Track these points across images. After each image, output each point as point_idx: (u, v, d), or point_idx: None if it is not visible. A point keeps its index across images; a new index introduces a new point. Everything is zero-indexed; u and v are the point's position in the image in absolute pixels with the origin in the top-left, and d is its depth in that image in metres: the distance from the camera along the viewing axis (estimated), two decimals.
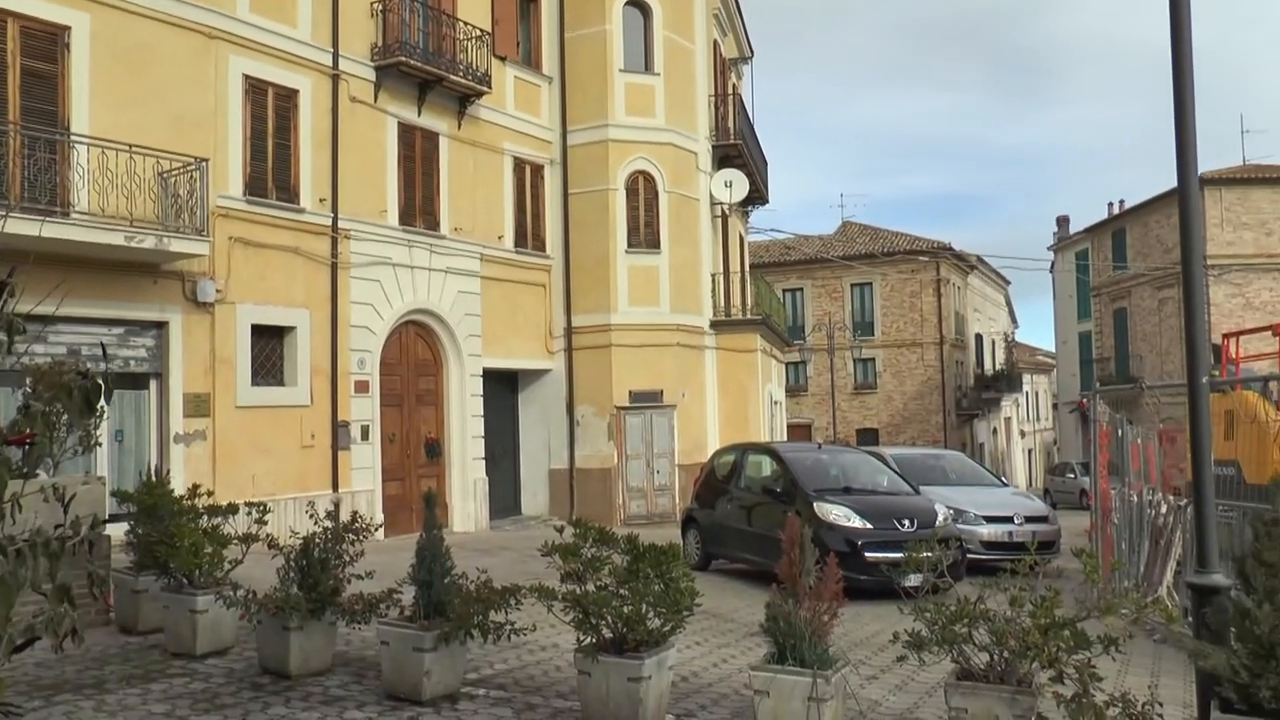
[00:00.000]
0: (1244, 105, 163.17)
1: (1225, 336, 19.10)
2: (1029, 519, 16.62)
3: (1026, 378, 66.13)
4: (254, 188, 17.53)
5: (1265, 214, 40.73)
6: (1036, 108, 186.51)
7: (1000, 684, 5.84)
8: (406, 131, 20.75)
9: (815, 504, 13.33)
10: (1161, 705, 6.40)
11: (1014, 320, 74.27)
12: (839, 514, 13.20)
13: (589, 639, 6.40)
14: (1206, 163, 56.14)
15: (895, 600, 6.46)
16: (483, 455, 22.23)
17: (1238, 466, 13.26)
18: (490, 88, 22.13)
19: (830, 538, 12.59)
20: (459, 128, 21.95)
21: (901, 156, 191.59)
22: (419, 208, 20.97)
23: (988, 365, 58.20)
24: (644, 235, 24.67)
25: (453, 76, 20.98)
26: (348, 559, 7.77)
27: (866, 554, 12.45)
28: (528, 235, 24.02)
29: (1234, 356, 17.76)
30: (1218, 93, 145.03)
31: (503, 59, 23.25)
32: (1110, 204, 51.95)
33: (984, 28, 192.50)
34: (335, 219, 18.94)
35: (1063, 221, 60.30)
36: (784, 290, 47.75)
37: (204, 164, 15.55)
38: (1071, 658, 5.80)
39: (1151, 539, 12.81)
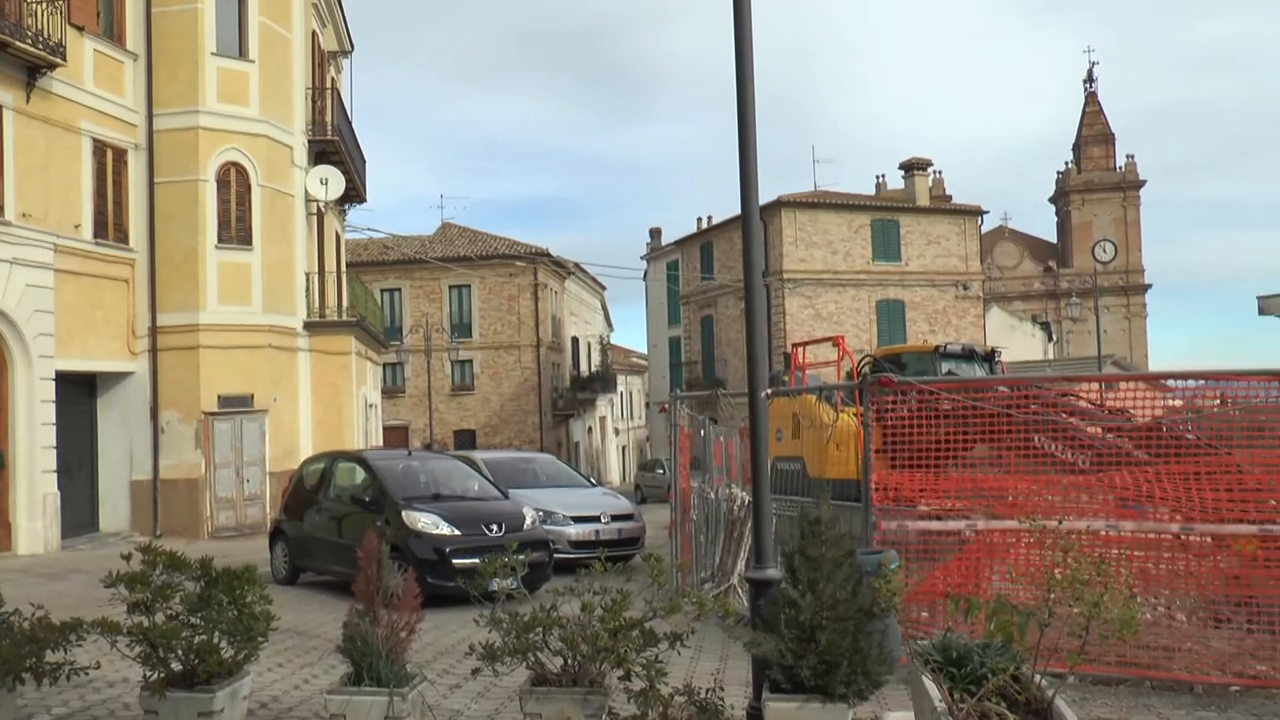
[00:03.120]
0: (816, 136, 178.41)
1: (794, 346, 20.75)
2: (615, 517, 17.50)
3: (621, 379, 68.90)
4: None
5: (832, 235, 45.13)
6: (637, 121, 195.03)
7: (573, 686, 6.11)
8: None
9: (404, 512, 13.34)
10: (724, 689, 6.95)
11: (609, 324, 77.19)
12: (427, 521, 13.25)
13: (156, 674, 6.09)
14: (785, 186, 61.07)
15: (483, 606, 6.60)
16: (54, 467, 20.39)
17: (802, 463, 14.51)
18: (65, 60, 20.43)
19: (418, 546, 12.82)
20: (28, 101, 20.12)
21: (503, 160, 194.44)
22: None
23: (584, 367, 60.20)
24: (236, 230, 23.73)
25: (18, 43, 19.15)
26: None
27: (455, 561, 12.56)
28: (109, 225, 22.42)
29: (801, 363, 19.26)
30: (794, 123, 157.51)
31: (80, 29, 21.52)
32: (700, 218, 55.07)
33: (586, 41, 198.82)
34: None
35: (655, 233, 63.34)
36: (382, 290, 47.41)
37: None
38: (640, 656, 6.16)
39: (726, 531, 13.67)
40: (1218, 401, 9.49)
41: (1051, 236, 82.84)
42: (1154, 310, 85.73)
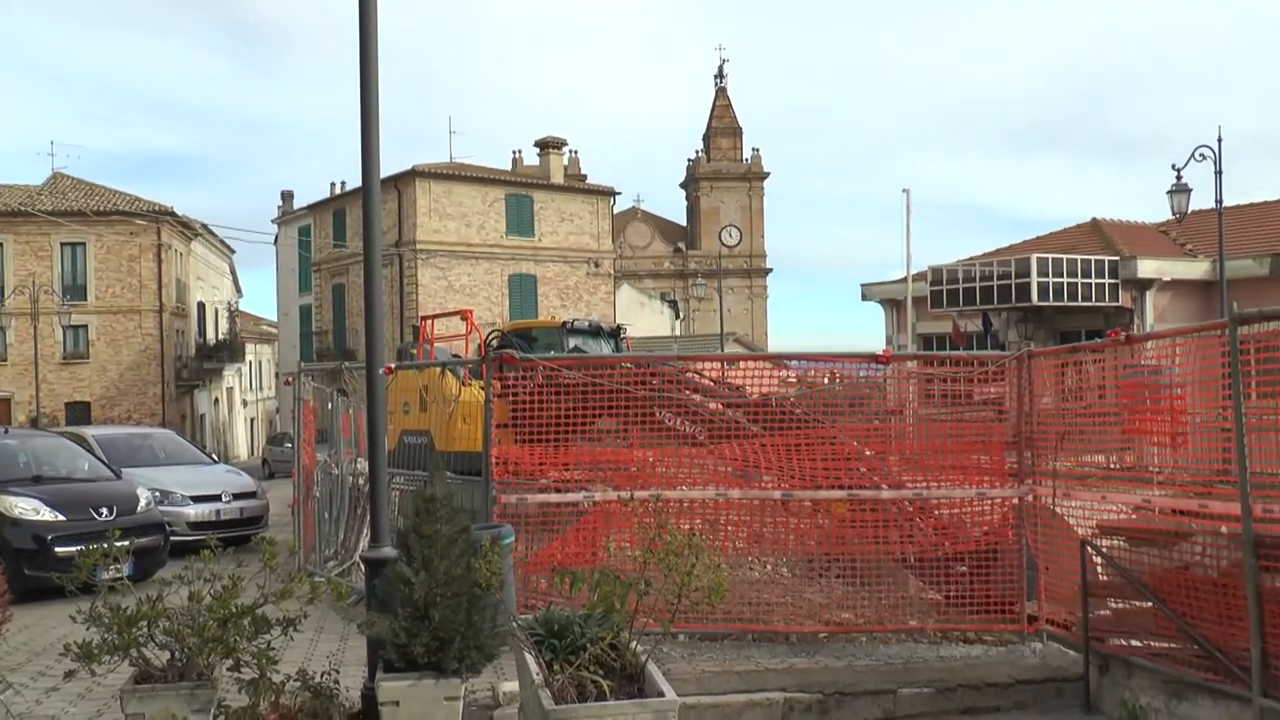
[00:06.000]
0: (454, 109, 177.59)
1: (423, 319, 20.77)
2: (237, 496, 17.09)
3: (250, 347, 66.57)
4: None
5: (466, 208, 45.57)
6: (273, 77, 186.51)
7: (180, 681, 5.95)
8: None
9: None
10: (340, 671, 6.98)
11: (238, 289, 74.34)
12: (26, 507, 12.47)
13: None
14: (421, 156, 60.54)
15: (92, 597, 6.28)
16: None
17: (430, 437, 14.60)
18: None
19: (15, 535, 12.10)
20: None
21: (124, 109, 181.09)
22: None
23: (210, 335, 57.73)
24: None
25: None
26: None
27: (58, 549, 11.84)
28: None
29: (430, 336, 19.31)
30: (432, 94, 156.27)
31: None
32: (334, 183, 53.76)
33: None
34: None
35: (287, 196, 61.34)
36: None
37: None
38: (251, 644, 6.09)
39: (351, 508, 13.57)
40: (825, 380, 10.43)
41: (682, 220, 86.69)
42: (774, 292, 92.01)
